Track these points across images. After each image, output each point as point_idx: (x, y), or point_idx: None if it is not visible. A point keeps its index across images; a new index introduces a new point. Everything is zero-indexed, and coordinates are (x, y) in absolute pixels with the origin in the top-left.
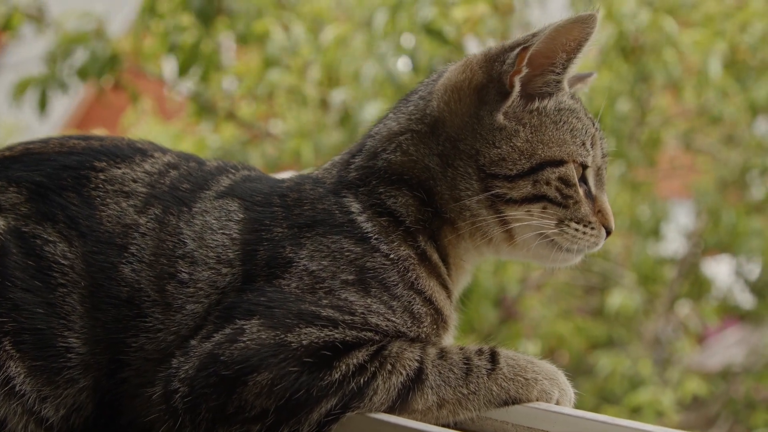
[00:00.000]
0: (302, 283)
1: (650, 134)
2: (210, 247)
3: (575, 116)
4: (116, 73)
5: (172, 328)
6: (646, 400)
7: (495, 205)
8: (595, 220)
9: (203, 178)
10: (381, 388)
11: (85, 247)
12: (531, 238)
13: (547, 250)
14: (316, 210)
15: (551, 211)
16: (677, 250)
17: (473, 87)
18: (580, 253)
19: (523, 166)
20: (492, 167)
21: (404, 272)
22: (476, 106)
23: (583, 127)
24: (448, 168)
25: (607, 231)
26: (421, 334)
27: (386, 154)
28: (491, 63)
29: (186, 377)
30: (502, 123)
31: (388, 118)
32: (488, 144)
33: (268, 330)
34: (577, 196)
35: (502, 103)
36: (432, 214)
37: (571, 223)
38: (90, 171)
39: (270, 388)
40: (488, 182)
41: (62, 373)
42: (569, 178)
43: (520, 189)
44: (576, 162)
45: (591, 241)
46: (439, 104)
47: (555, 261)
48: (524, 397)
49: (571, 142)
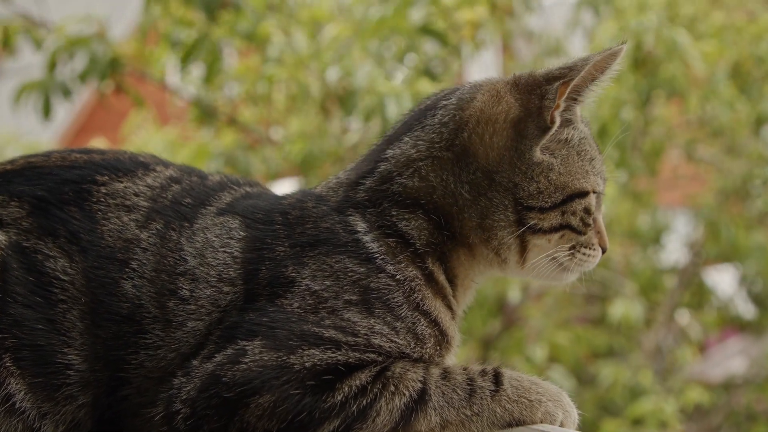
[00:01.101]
0: (305, 303)
1: (653, 144)
2: (211, 266)
3: (589, 144)
4: (118, 77)
5: (172, 346)
6: (648, 410)
7: (524, 235)
8: (596, 242)
9: (205, 194)
10: (384, 409)
11: (86, 263)
12: (542, 262)
13: (556, 273)
14: (319, 228)
15: (567, 237)
16: (678, 259)
17: (510, 120)
18: (580, 273)
19: (556, 198)
20: (529, 200)
21: (410, 293)
22: (514, 140)
23: (596, 155)
24: (481, 198)
25: (603, 250)
26: (425, 355)
27: (402, 179)
28: (527, 95)
29: (188, 398)
30: (539, 158)
31: (402, 141)
32: (528, 178)
33: (270, 351)
34: (594, 224)
35: (541, 138)
36: (447, 238)
37: (582, 249)
38: (92, 185)
39: (272, 411)
40: (523, 214)
41: (61, 390)
42: (591, 208)
43: (551, 220)
44: (595, 191)
45: (592, 263)
46: (471, 135)
47: (558, 281)
48: (528, 418)
49: (592, 172)
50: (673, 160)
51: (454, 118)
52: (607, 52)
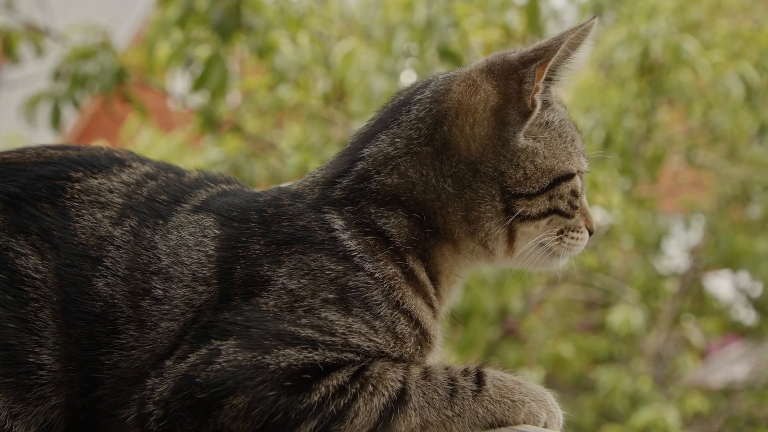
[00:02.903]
0: (280, 302)
1: (654, 150)
2: (185, 265)
3: (568, 124)
4: (123, 87)
5: (146, 346)
6: (650, 419)
7: (512, 224)
8: (582, 224)
9: (181, 191)
10: (362, 410)
11: (59, 260)
12: (531, 249)
13: (544, 259)
14: (295, 226)
15: (555, 222)
16: (679, 265)
17: (490, 109)
18: (570, 256)
19: (544, 183)
20: (517, 187)
21: (389, 291)
22: (496, 128)
23: (576, 135)
24: (465, 190)
25: (590, 232)
26: (405, 355)
27: (380, 177)
28: (505, 81)
29: (161, 399)
30: (524, 143)
31: (379, 139)
32: (514, 165)
33: (245, 351)
34: (581, 206)
35: (523, 123)
36: (429, 235)
37: (570, 233)
38: (66, 181)
39: (247, 412)
40: (511, 202)
41: (33, 390)
42: (577, 190)
43: (539, 206)
44: (580, 171)
45: (580, 246)
46: (451, 128)
47: (547, 267)
48: (511, 419)
49: (574, 152)
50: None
51: (430, 112)
52: (580, 29)
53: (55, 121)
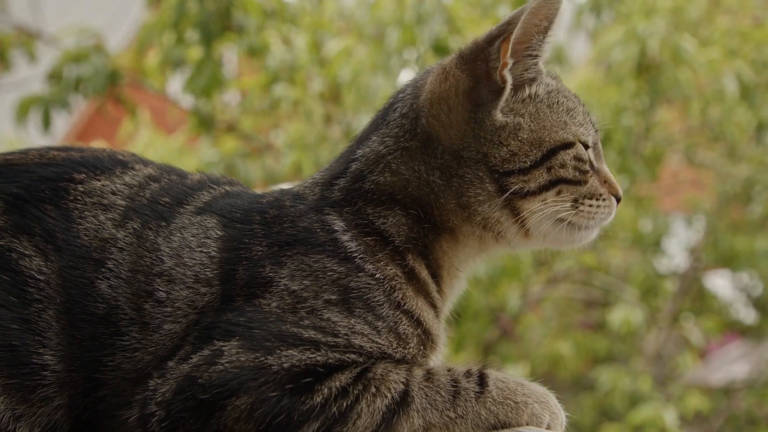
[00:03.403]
0: (283, 303)
1: (654, 149)
2: (188, 266)
3: (563, 95)
4: (117, 89)
5: (149, 348)
6: (648, 417)
7: (511, 203)
8: (605, 191)
9: (183, 193)
10: (365, 411)
11: (62, 262)
12: (547, 225)
13: (566, 233)
14: (297, 228)
15: (566, 193)
16: (679, 264)
17: (462, 93)
18: (597, 227)
19: (535, 155)
20: (505, 165)
21: (390, 292)
22: (471, 111)
23: (574, 105)
24: (453, 178)
25: (616, 198)
26: (407, 355)
27: (374, 176)
28: (472, 63)
29: (163, 400)
30: (502, 120)
31: (370, 140)
32: (495, 144)
33: (247, 352)
34: (600, 173)
35: (497, 101)
36: (428, 230)
37: (586, 200)
38: (69, 183)
39: (249, 413)
40: (503, 181)
41: (37, 391)
42: (581, 157)
43: (537, 179)
44: (581, 140)
45: (606, 212)
46: (428, 119)
47: (574, 242)
48: (514, 421)
49: (571, 122)
50: (673, 165)
51: (412, 107)
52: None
53: (46, 124)
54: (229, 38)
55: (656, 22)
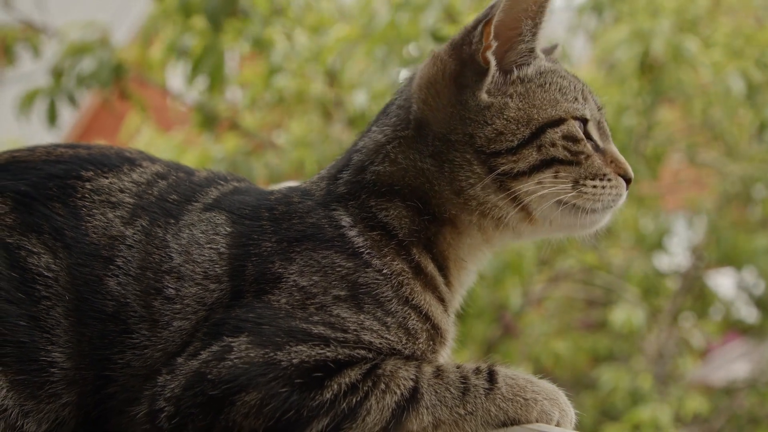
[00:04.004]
0: (292, 299)
1: (655, 148)
2: (197, 262)
3: (558, 75)
4: (122, 83)
5: (159, 345)
6: (646, 418)
7: (504, 185)
8: (610, 171)
9: (191, 190)
10: (374, 408)
11: (70, 259)
12: (550, 208)
13: (572, 217)
14: (305, 224)
15: (564, 174)
16: (680, 263)
17: (448, 77)
18: (607, 210)
19: (523, 134)
20: (491, 145)
21: (398, 287)
22: (457, 94)
23: (569, 83)
24: (445, 164)
25: (626, 179)
26: (417, 351)
27: (374, 167)
28: (459, 48)
29: (172, 396)
30: (487, 101)
31: (371, 131)
32: (480, 124)
33: (256, 348)
34: (588, 150)
35: (482, 82)
36: (428, 222)
37: (587, 181)
38: (76, 180)
39: (259, 409)
40: (491, 162)
41: (45, 388)
42: (574, 134)
43: (526, 158)
44: (575, 117)
45: (613, 193)
46: (419, 105)
47: (583, 227)
48: (523, 417)
49: (563, 99)
50: (674, 164)
51: (407, 96)
52: None
53: (52, 118)
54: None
55: (662, 22)
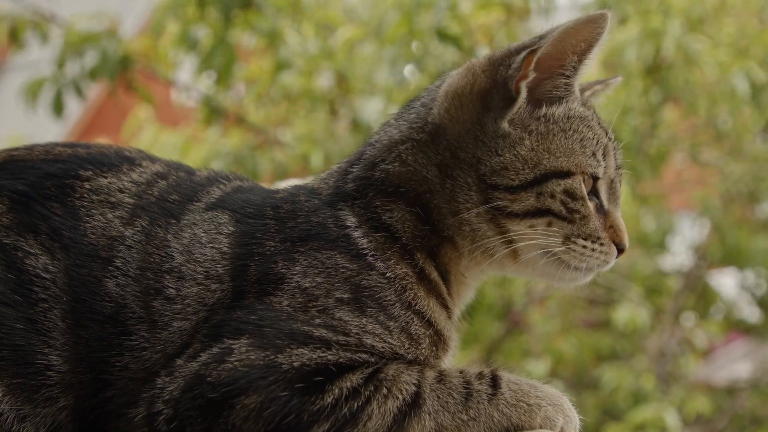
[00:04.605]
0: (294, 301)
1: (658, 148)
2: (198, 262)
3: (586, 125)
4: (128, 75)
5: (158, 347)
6: (649, 418)
7: (496, 219)
8: (605, 236)
9: (193, 189)
10: (376, 413)
11: (68, 260)
12: (537, 256)
13: (554, 269)
14: (310, 223)
15: (556, 227)
16: (683, 262)
17: (476, 92)
18: (590, 272)
19: (526, 176)
20: (493, 177)
21: (401, 291)
22: (479, 113)
23: (594, 136)
24: (447, 179)
25: (619, 248)
26: (419, 356)
27: (385, 165)
28: (496, 67)
29: (171, 399)
30: (506, 130)
31: (389, 125)
32: (490, 152)
33: (257, 350)
34: (585, 211)
35: (507, 110)
36: (430, 232)
37: (578, 240)
38: (75, 180)
39: (258, 413)
40: (488, 193)
41: (41, 391)
42: (575, 191)
43: (523, 202)
44: (585, 173)
45: (601, 259)
46: (440, 111)
47: (562, 280)
48: (527, 423)
49: (580, 152)
50: (677, 163)
51: (431, 98)
52: (583, 19)
53: (58, 108)
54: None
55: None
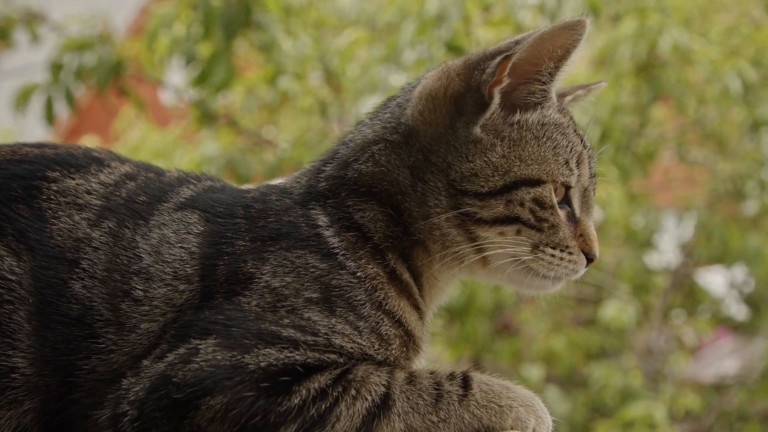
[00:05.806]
0: (263, 301)
1: (646, 146)
2: (167, 262)
3: (560, 132)
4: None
5: (125, 349)
6: (638, 415)
7: (465, 225)
8: (575, 245)
9: (162, 190)
10: (344, 414)
11: (34, 262)
12: (506, 263)
13: (523, 277)
14: (281, 222)
15: (525, 235)
16: (670, 260)
17: (450, 96)
18: (558, 280)
19: (495, 183)
20: (463, 183)
21: (372, 291)
22: (452, 117)
23: (568, 144)
24: (419, 182)
25: (588, 258)
26: (390, 357)
27: (358, 164)
28: (471, 71)
29: (136, 399)
30: (478, 136)
31: (364, 124)
32: (461, 157)
33: (224, 350)
34: (554, 219)
35: (479, 115)
36: (402, 233)
37: (547, 249)
38: (42, 181)
39: (224, 414)
40: (458, 199)
41: (5, 394)
42: (545, 200)
43: (492, 209)
44: (556, 182)
45: (569, 268)
46: (414, 113)
47: (530, 288)
48: (498, 425)
49: (553, 160)
50: (665, 161)
51: (406, 99)
52: (559, 25)
53: (49, 115)
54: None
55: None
